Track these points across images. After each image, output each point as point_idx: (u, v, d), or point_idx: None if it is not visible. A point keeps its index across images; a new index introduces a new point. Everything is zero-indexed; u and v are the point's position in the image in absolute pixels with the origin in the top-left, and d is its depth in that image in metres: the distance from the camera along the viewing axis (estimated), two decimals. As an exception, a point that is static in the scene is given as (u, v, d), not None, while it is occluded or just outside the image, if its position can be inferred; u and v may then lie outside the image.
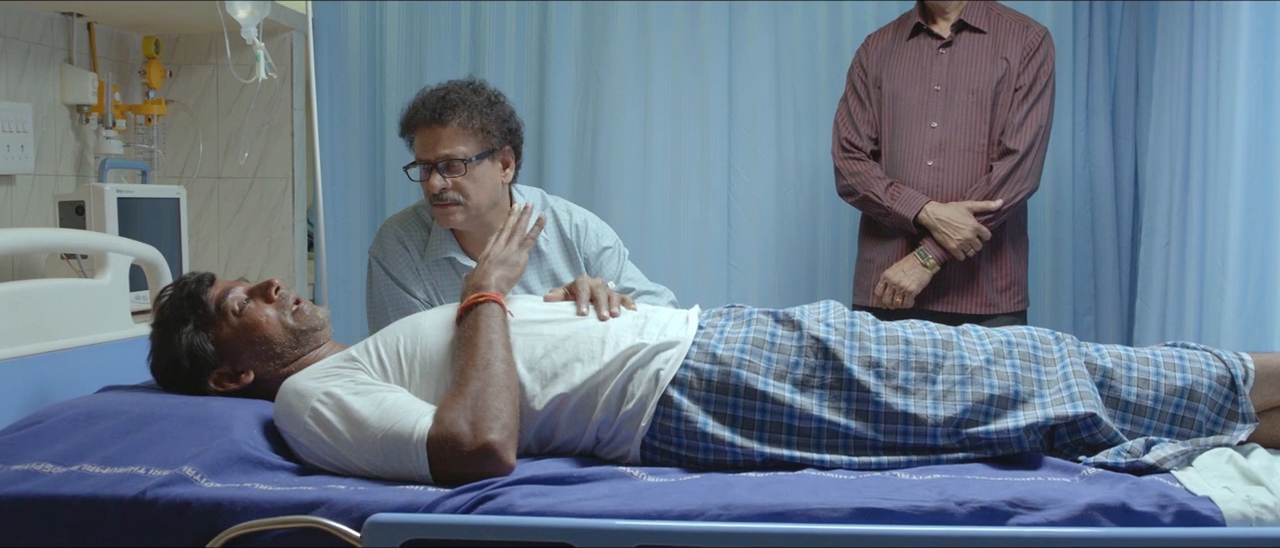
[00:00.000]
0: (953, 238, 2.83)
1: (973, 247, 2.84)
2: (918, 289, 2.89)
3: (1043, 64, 2.88)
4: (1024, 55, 2.88)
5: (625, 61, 3.49)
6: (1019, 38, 2.89)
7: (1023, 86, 2.87)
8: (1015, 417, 1.72)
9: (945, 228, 2.84)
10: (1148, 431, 1.77)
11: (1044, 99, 2.87)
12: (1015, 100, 2.87)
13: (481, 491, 1.55)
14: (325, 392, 1.72)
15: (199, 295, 1.91)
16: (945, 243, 2.84)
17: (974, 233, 2.83)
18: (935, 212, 2.85)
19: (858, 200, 2.98)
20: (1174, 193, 3.02)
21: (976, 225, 2.83)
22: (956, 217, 2.84)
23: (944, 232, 2.84)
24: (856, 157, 2.98)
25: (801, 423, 1.72)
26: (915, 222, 2.86)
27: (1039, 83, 2.87)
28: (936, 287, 2.91)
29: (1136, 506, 1.50)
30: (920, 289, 2.90)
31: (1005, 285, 2.93)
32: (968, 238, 2.82)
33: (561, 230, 2.50)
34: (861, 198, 2.95)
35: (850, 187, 2.98)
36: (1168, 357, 1.82)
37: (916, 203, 2.86)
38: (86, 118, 3.12)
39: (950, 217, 2.84)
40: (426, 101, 2.34)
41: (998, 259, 2.92)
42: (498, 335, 1.77)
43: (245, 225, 3.49)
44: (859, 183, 2.95)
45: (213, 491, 1.57)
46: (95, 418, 1.76)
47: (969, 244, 2.84)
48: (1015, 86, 2.87)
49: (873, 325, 1.85)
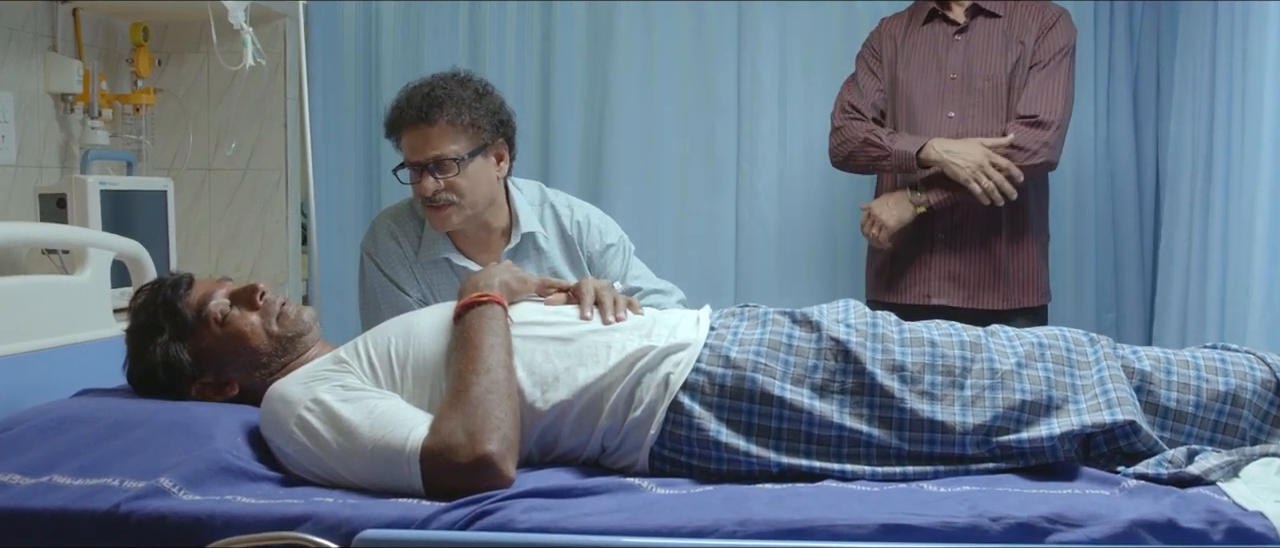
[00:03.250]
0: (963, 165, 2.66)
1: (986, 176, 2.65)
2: (897, 226, 2.76)
3: (1058, 39, 2.77)
4: (1039, 33, 2.78)
5: (631, 53, 3.43)
6: (1035, 19, 2.80)
7: (1040, 62, 2.76)
8: (1049, 424, 1.62)
9: (953, 157, 2.67)
10: (1189, 438, 1.67)
11: (1060, 73, 2.75)
12: (1030, 77, 2.76)
13: (479, 505, 1.45)
14: (313, 398, 1.63)
15: (174, 304, 1.81)
16: (956, 172, 2.67)
17: (985, 158, 2.66)
18: (941, 144, 2.70)
19: (853, 152, 2.82)
20: (1196, 187, 2.97)
21: (988, 152, 2.67)
22: (965, 145, 2.69)
23: (952, 161, 2.67)
24: (857, 117, 2.87)
25: (821, 431, 1.62)
26: (919, 161, 2.72)
27: (1054, 57, 2.76)
28: (956, 281, 2.81)
29: (1184, 522, 1.40)
30: (899, 227, 2.75)
31: (1026, 279, 2.83)
32: (978, 162, 2.65)
33: (562, 227, 2.40)
34: (859, 144, 2.80)
35: (845, 140, 2.84)
36: (1209, 360, 1.72)
37: (919, 140, 2.73)
38: (71, 107, 3.04)
39: (958, 146, 2.69)
40: (411, 100, 2.23)
41: (1018, 252, 2.82)
42: (499, 338, 1.67)
43: (237, 219, 3.40)
44: (854, 133, 2.82)
45: (191, 504, 1.47)
46: (68, 425, 1.66)
47: (981, 171, 2.65)
48: (1030, 64, 2.77)
49: (896, 326, 1.74)
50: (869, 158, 2.82)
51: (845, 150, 2.86)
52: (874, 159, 2.81)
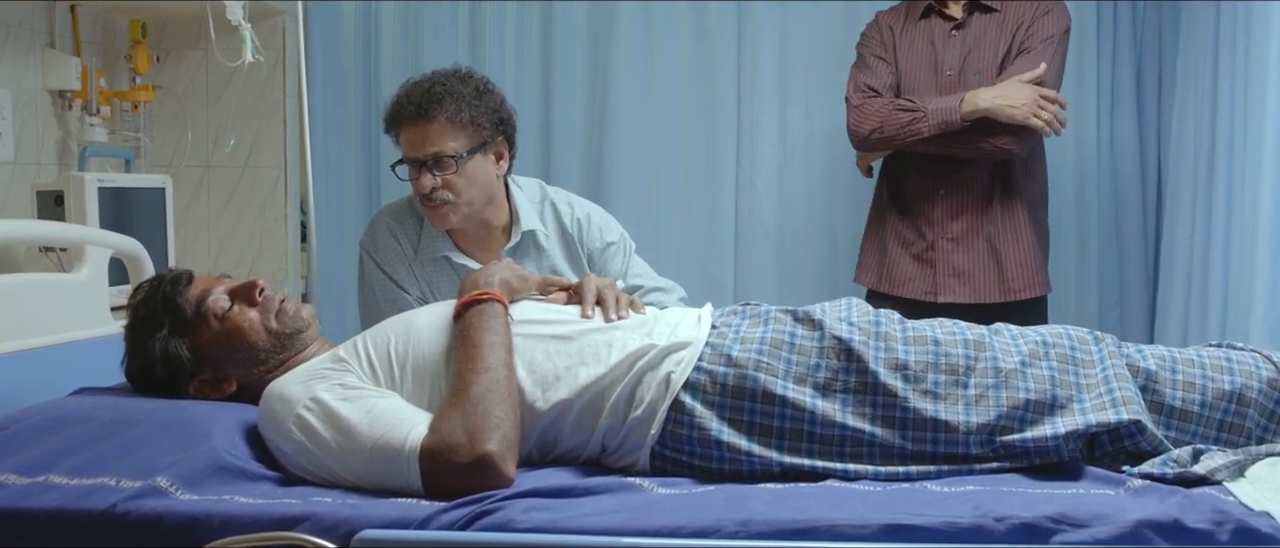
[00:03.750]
0: (1018, 105, 2.61)
1: (1043, 110, 2.61)
2: None
3: (1047, 27, 2.73)
4: (1030, 22, 2.75)
5: (631, 48, 3.40)
6: (1030, 11, 2.77)
7: (1027, 49, 2.73)
8: (1053, 424, 1.60)
9: (1003, 100, 2.62)
10: (1194, 438, 1.65)
11: (1044, 57, 2.69)
12: (1016, 63, 2.72)
13: (479, 505, 1.43)
14: (311, 397, 1.61)
15: (174, 299, 1.80)
16: (1011, 115, 2.61)
17: (1033, 93, 2.61)
18: (986, 92, 2.64)
19: (882, 123, 2.72)
20: (1198, 184, 2.96)
21: (1032, 86, 2.63)
22: (1008, 88, 2.63)
23: (1004, 105, 2.61)
24: (875, 94, 2.79)
25: (824, 430, 1.60)
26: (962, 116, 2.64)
27: (1042, 43, 2.72)
28: (954, 272, 2.78)
29: (1190, 522, 1.38)
30: None
31: (1025, 269, 2.79)
32: (1030, 98, 2.61)
33: (562, 225, 2.38)
34: (889, 112, 2.71)
35: (869, 114, 2.74)
36: (1214, 358, 1.70)
37: (954, 96, 2.67)
38: (69, 104, 3.02)
39: (1001, 90, 2.64)
40: (410, 96, 2.21)
41: (1017, 242, 2.79)
42: (499, 337, 1.66)
43: (236, 216, 3.39)
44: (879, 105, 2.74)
45: (189, 504, 1.46)
46: (65, 424, 1.65)
47: (1037, 105, 2.60)
48: (1017, 51, 2.74)
49: (899, 325, 1.73)
50: (900, 124, 2.71)
51: (871, 124, 2.75)
52: (906, 125, 2.70)
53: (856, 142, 2.84)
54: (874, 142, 2.79)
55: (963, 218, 2.79)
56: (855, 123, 2.80)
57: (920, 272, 2.83)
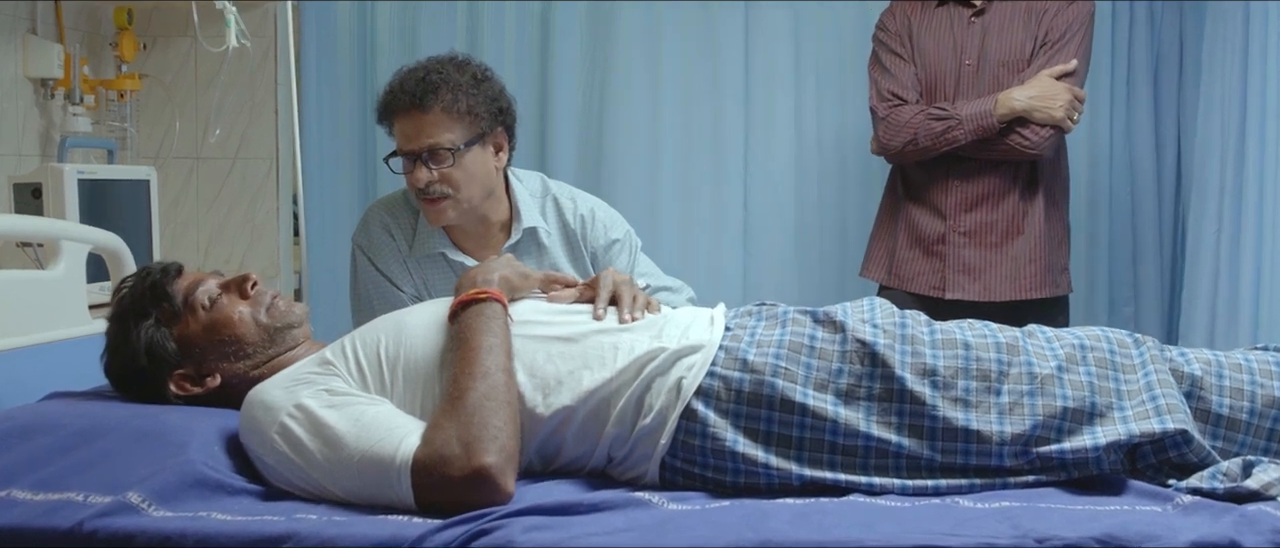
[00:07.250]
0: (1057, 106, 2.56)
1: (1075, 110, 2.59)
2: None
3: (1070, 15, 2.65)
4: (1054, 10, 2.66)
5: (633, 34, 3.31)
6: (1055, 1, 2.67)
7: (1051, 41, 2.65)
8: (1093, 434, 1.50)
9: (1040, 101, 2.56)
10: (1243, 448, 1.55)
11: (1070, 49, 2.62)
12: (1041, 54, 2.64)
13: (476, 523, 1.33)
14: (295, 404, 1.51)
15: (164, 286, 1.72)
16: (1050, 115, 2.55)
17: (1070, 91, 2.57)
18: (1019, 93, 2.57)
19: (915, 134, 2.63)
20: (1226, 178, 2.89)
21: (1066, 85, 2.58)
22: (1042, 85, 2.57)
23: (1043, 105, 2.55)
24: (901, 102, 2.70)
25: (846, 441, 1.50)
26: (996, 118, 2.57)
27: (1066, 37, 2.64)
28: (964, 268, 2.69)
29: (1248, 543, 1.29)
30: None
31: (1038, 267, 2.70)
32: (1069, 100, 2.57)
33: (564, 221, 2.28)
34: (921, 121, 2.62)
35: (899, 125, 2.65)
36: (1263, 363, 1.60)
37: (986, 99, 2.60)
38: (52, 93, 2.92)
39: (1036, 88, 2.57)
40: (404, 84, 2.10)
41: (1033, 238, 2.69)
42: (498, 339, 1.55)
43: (226, 210, 3.30)
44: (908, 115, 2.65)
45: (162, 521, 1.36)
46: (31, 433, 1.54)
47: (1074, 107, 2.58)
48: (1041, 42, 2.66)
49: (926, 327, 1.62)
50: (934, 133, 2.63)
51: (903, 136, 2.66)
52: (940, 133, 2.62)
53: (889, 156, 2.76)
54: (908, 154, 2.70)
55: (978, 211, 2.70)
56: (886, 137, 2.71)
57: (929, 266, 2.75)
